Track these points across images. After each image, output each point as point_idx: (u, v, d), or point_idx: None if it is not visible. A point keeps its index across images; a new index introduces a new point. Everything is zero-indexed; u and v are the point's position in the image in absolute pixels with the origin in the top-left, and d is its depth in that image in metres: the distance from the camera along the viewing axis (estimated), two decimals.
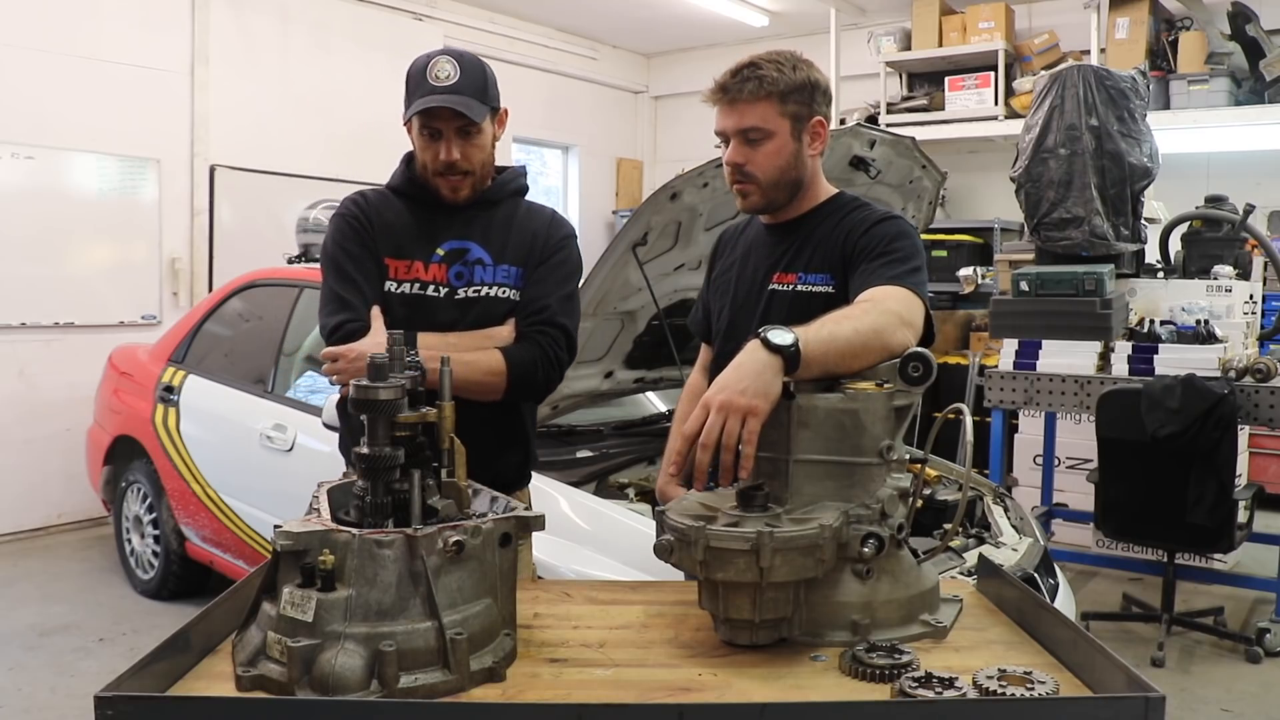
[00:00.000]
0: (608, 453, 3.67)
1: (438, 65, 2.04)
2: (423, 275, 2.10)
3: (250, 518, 3.96)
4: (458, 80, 2.03)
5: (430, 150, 2.08)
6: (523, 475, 2.30)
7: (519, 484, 2.28)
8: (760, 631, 1.36)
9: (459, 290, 2.10)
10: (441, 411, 1.43)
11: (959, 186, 7.91)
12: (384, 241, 2.12)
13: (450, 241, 2.12)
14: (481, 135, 2.09)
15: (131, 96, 5.96)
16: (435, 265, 2.11)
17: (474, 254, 2.13)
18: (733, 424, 1.38)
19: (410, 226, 2.14)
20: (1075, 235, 4.49)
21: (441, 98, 2.01)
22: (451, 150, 2.06)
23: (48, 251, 5.67)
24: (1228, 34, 6.57)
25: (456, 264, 2.11)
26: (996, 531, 3.15)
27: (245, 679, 1.22)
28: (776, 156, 1.94)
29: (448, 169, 2.08)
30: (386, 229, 2.13)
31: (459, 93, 2.02)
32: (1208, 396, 3.86)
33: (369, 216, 2.13)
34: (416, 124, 2.08)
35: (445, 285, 2.10)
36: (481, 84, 2.07)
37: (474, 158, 2.09)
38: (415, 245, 2.12)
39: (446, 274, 2.11)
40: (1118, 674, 1.19)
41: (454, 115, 2.03)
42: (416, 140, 2.11)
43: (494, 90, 2.11)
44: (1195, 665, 4.06)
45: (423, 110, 2.03)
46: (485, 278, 2.12)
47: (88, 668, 3.88)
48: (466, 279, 2.11)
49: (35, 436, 5.71)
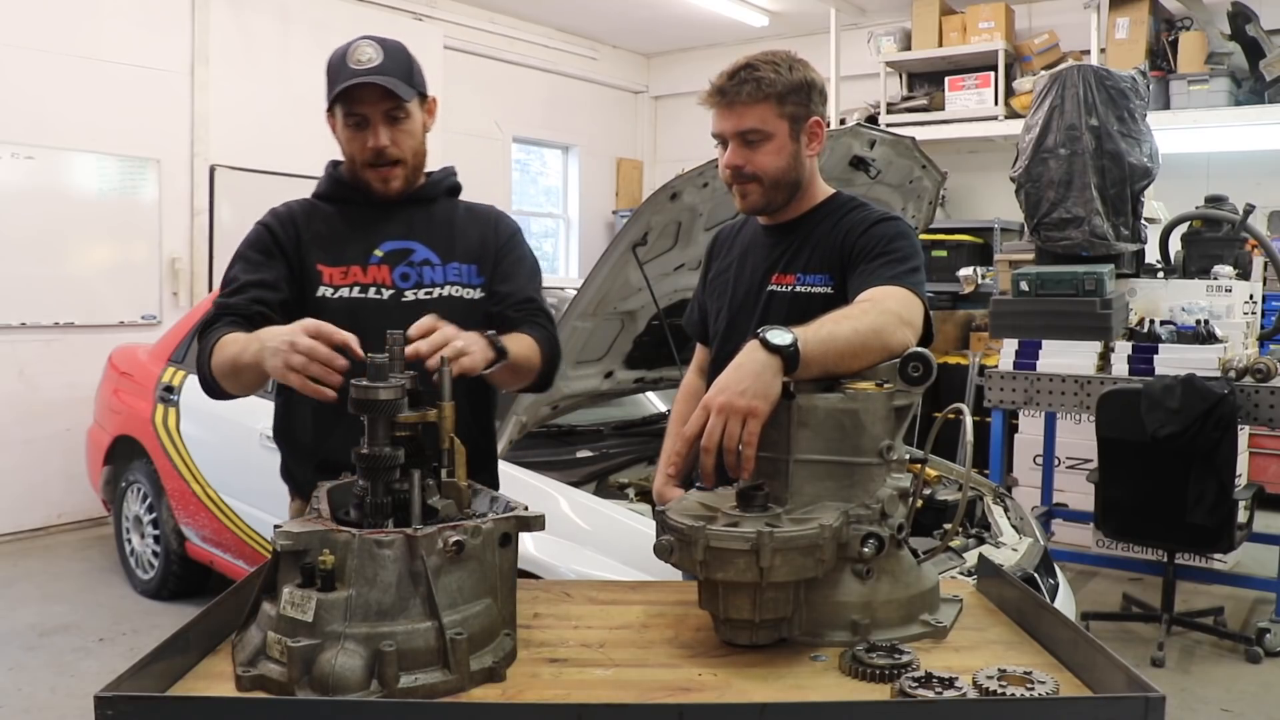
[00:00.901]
0: (608, 453, 3.67)
1: (358, 49, 1.93)
2: (362, 278, 1.97)
3: (250, 518, 3.96)
4: (381, 62, 1.91)
5: (357, 140, 1.95)
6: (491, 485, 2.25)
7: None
8: (760, 631, 1.36)
9: (406, 292, 1.98)
10: (441, 411, 1.43)
11: (959, 186, 7.91)
12: (315, 249, 1.98)
13: (389, 242, 2.00)
14: (411, 121, 1.97)
15: (131, 96, 5.96)
16: (374, 267, 1.98)
17: (419, 254, 2.01)
18: (733, 426, 1.38)
19: (344, 230, 2.01)
20: (1075, 235, 4.49)
21: (365, 76, 1.89)
22: (380, 136, 1.93)
23: (48, 251, 5.67)
24: (1228, 34, 6.57)
25: (400, 265, 1.99)
26: (996, 531, 3.15)
27: (245, 679, 1.22)
28: (776, 157, 1.94)
29: (377, 157, 1.95)
30: (317, 236, 2.00)
31: (383, 73, 1.90)
32: (1208, 396, 3.86)
33: (295, 224, 2.01)
34: (340, 114, 1.95)
35: (390, 287, 1.97)
36: (407, 66, 1.96)
37: (404, 144, 1.97)
38: (350, 248, 1.99)
39: (390, 276, 1.98)
40: (1118, 674, 1.19)
41: (380, 97, 1.91)
42: (342, 133, 1.98)
43: (420, 76, 2.00)
44: (1195, 665, 4.06)
45: (345, 95, 1.91)
46: (436, 278, 2.01)
47: (88, 668, 3.88)
48: (415, 280, 1.99)
49: (35, 436, 5.71)
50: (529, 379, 1.97)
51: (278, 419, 2.12)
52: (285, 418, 2.10)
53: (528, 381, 1.98)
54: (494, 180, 8.23)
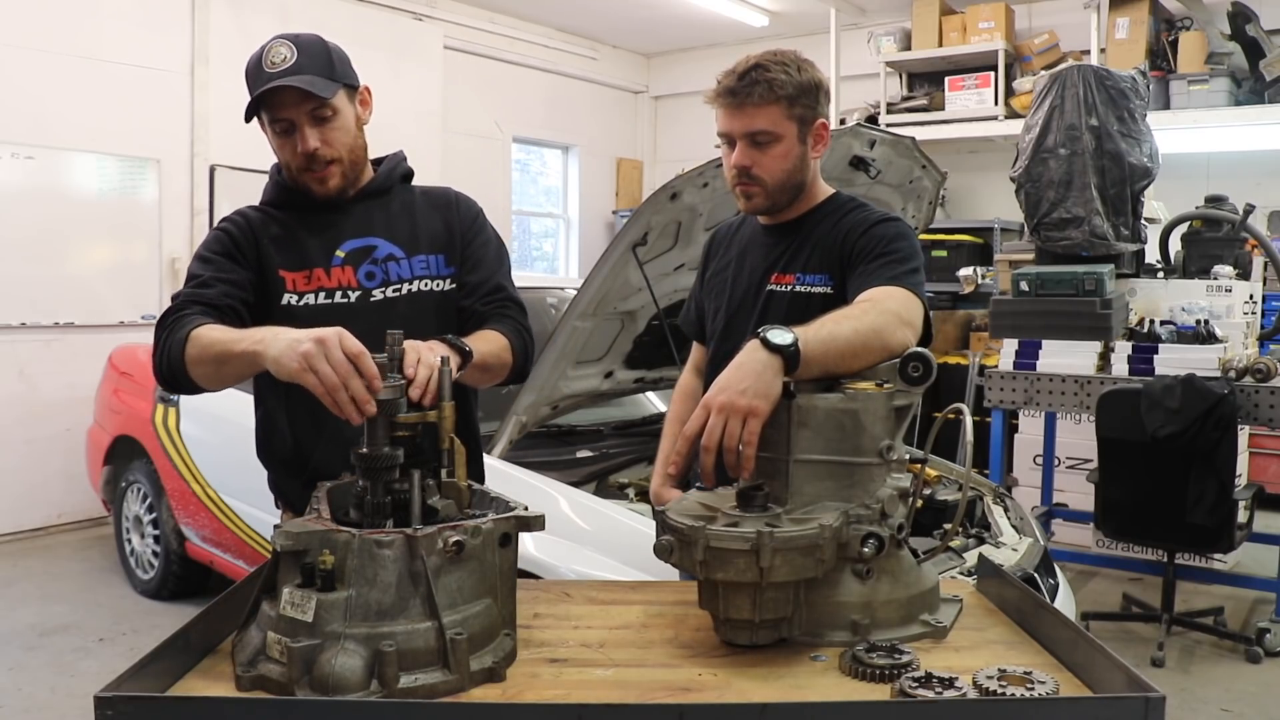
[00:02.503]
0: (608, 453, 3.66)
1: (271, 51, 1.83)
2: (327, 283, 1.90)
3: (250, 518, 3.95)
4: (295, 60, 1.82)
5: (288, 146, 1.87)
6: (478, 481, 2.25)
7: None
8: (760, 631, 1.36)
9: (374, 291, 1.92)
10: (441, 411, 1.43)
11: (959, 186, 7.91)
12: (275, 256, 1.91)
13: (350, 241, 1.94)
14: (340, 116, 1.87)
15: (131, 96, 5.96)
16: (338, 269, 1.91)
17: (382, 250, 1.94)
18: (733, 425, 1.38)
19: (301, 234, 1.93)
20: (1075, 235, 4.49)
21: (280, 79, 1.80)
22: (308, 140, 1.84)
23: (48, 251, 5.67)
24: (1228, 34, 6.57)
25: (365, 264, 1.93)
26: (996, 531, 3.14)
27: (245, 679, 1.22)
28: (784, 159, 1.94)
29: (310, 162, 1.86)
30: (275, 242, 1.92)
31: (299, 72, 1.81)
32: (1208, 396, 3.86)
33: (252, 230, 1.93)
34: (266, 121, 1.87)
35: (356, 289, 1.91)
36: (325, 60, 1.86)
37: (337, 142, 1.88)
38: (311, 252, 1.92)
39: (355, 276, 1.92)
40: (1118, 674, 1.19)
41: (301, 99, 1.81)
42: (271, 140, 1.90)
43: (344, 67, 1.90)
44: (1195, 665, 4.06)
45: (265, 101, 1.82)
46: (403, 273, 1.94)
47: (88, 668, 3.88)
48: (381, 278, 1.93)
49: (35, 436, 5.71)
50: (502, 375, 1.92)
51: (258, 436, 2.06)
52: (264, 433, 2.04)
53: (501, 378, 1.93)
54: (494, 180, 8.23)
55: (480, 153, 8.02)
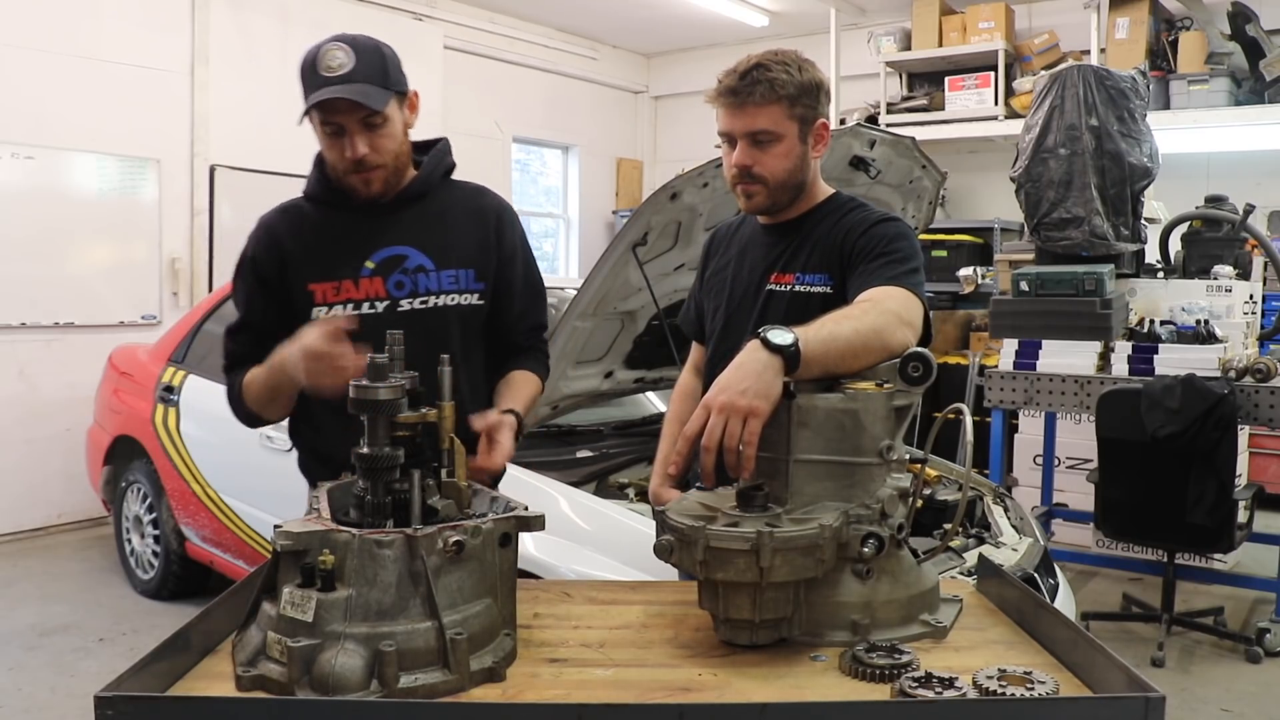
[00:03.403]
0: (608, 453, 3.66)
1: (328, 54, 1.85)
2: (355, 294, 1.94)
3: (250, 518, 3.95)
4: (352, 68, 1.84)
5: (336, 148, 1.91)
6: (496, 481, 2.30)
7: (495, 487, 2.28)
8: (760, 631, 1.36)
9: (401, 302, 1.96)
10: (441, 411, 1.43)
11: (959, 186, 7.91)
12: (304, 266, 1.96)
13: (381, 251, 1.97)
14: (389, 125, 1.91)
15: (131, 96, 5.96)
16: (366, 280, 1.95)
17: (413, 260, 1.97)
18: (734, 425, 1.38)
19: (334, 241, 1.97)
20: (1075, 235, 4.49)
21: (335, 89, 1.82)
22: (357, 145, 1.88)
23: (48, 251, 5.67)
24: (1228, 34, 6.57)
25: (394, 274, 1.96)
26: (996, 531, 3.15)
27: (245, 679, 1.22)
28: (785, 159, 1.94)
29: (357, 166, 1.91)
30: (305, 251, 1.97)
31: (354, 81, 1.83)
32: (1208, 396, 3.86)
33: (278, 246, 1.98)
34: (316, 121, 1.90)
35: (384, 299, 1.95)
36: (380, 68, 1.89)
37: (384, 149, 1.92)
38: (342, 262, 1.96)
39: (384, 287, 1.95)
40: (1118, 674, 1.19)
41: (352, 106, 1.84)
42: (320, 139, 1.94)
43: (396, 73, 1.93)
44: (1195, 665, 4.06)
45: (318, 105, 1.85)
46: (431, 286, 1.98)
47: (88, 668, 3.88)
48: (410, 289, 1.96)
49: (35, 436, 5.71)
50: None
51: (290, 420, 2.12)
52: (296, 419, 2.11)
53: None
54: (494, 180, 8.18)
55: (480, 153, 8.01)
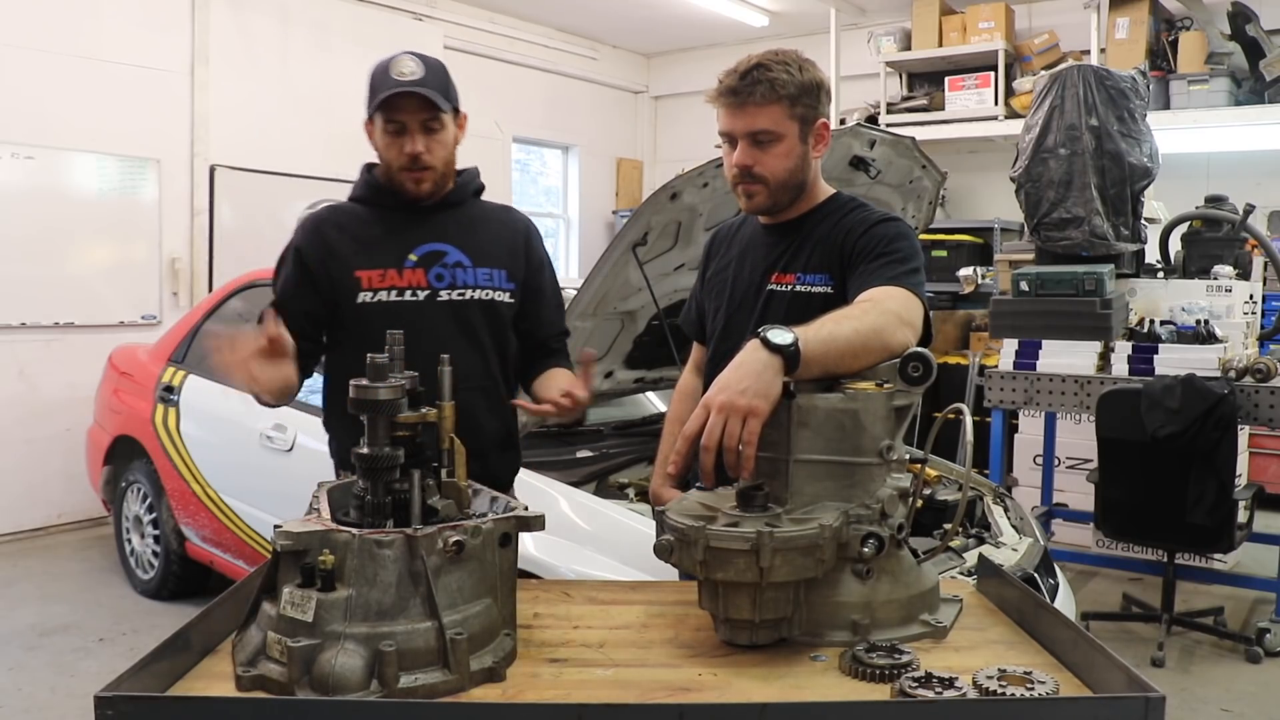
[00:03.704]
0: (608, 453, 3.67)
1: (401, 62, 2.07)
2: (398, 281, 2.13)
3: (250, 518, 3.96)
4: (422, 76, 2.06)
5: (395, 145, 2.10)
6: (514, 471, 2.39)
7: (511, 481, 2.38)
8: (760, 631, 1.36)
9: (441, 292, 2.15)
10: (441, 411, 1.43)
11: (959, 186, 7.91)
12: (350, 256, 2.14)
13: (423, 246, 2.16)
14: (445, 131, 2.12)
15: (131, 96, 5.96)
16: (410, 271, 2.14)
17: (452, 257, 2.17)
18: (733, 425, 1.38)
19: (379, 235, 2.17)
20: (1075, 235, 4.49)
21: (406, 87, 2.04)
22: (416, 143, 2.08)
23: (48, 251, 5.67)
24: (1228, 34, 6.57)
25: (435, 267, 2.16)
26: (996, 531, 3.15)
27: (245, 679, 1.22)
28: (786, 159, 1.95)
29: (412, 162, 2.09)
30: (352, 242, 2.16)
31: (424, 86, 2.06)
32: (1208, 396, 3.85)
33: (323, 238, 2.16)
34: (380, 121, 2.10)
35: (425, 289, 2.14)
36: (445, 82, 2.12)
37: (437, 152, 2.12)
38: (386, 253, 2.14)
39: (425, 278, 2.14)
40: (1118, 674, 1.19)
41: (419, 107, 2.06)
42: (380, 139, 2.13)
43: (455, 92, 2.16)
44: (1195, 665, 4.06)
45: (387, 103, 2.05)
46: (467, 280, 2.17)
47: (88, 668, 3.88)
48: (449, 281, 2.16)
49: (35, 436, 5.71)
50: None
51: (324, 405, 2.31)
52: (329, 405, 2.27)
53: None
54: (494, 180, 8.14)
55: (480, 153, 7.96)
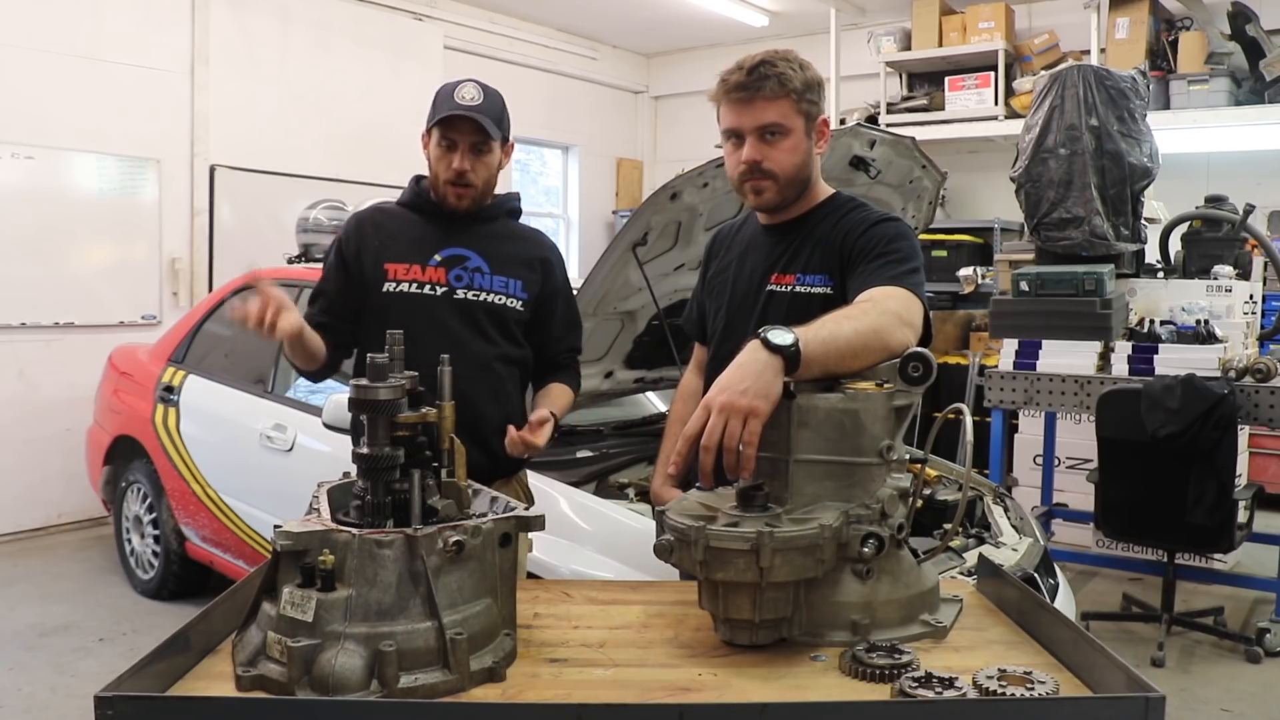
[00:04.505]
0: (608, 453, 3.67)
1: (465, 87, 2.29)
2: (420, 276, 2.35)
3: (250, 518, 3.96)
4: (481, 103, 2.28)
5: (445, 160, 2.31)
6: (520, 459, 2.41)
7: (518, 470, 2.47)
8: (760, 631, 1.36)
9: (457, 290, 2.34)
10: (441, 411, 1.43)
11: (959, 186, 7.91)
12: (385, 250, 2.37)
13: (449, 249, 2.37)
14: (491, 155, 2.33)
15: (131, 96, 5.96)
16: (433, 268, 2.35)
17: (473, 262, 2.37)
18: (734, 425, 1.38)
19: (413, 236, 2.39)
20: (1075, 235, 4.49)
21: (464, 111, 2.26)
22: (464, 161, 2.29)
23: (48, 251, 5.67)
24: (1228, 34, 6.57)
25: (456, 268, 2.36)
26: (996, 531, 3.15)
27: (245, 679, 1.22)
28: (794, 154, 1.96)
29: (458, 178, 2.31)
30: (390, 238, 2.39)
31: (480, 113, 2.27)
32: (1208, 396, 3.85)
33: (363, 232, 2.41)
34: (436, 135, 2.31)
35: (443, 285, 2.34)
36: (500, 112, 2.33)
37: (480, 173, 2.33)
38: (415, 251, 2.36)
39: (445, 275, 2.35)
40: (1118, 674, 1.19)
41: (472, 130, 2.27)
42: (433, 151, 2.33)
43: (508, 123, 2.37)
44: (1195, 665, 4.06)
45: (444, 122, 2.27)
46: (484, 284, 2.36)
47: (88, 668, 3.88)
48: (466, 282, 2.35)
49: (35, 436, 5.71)
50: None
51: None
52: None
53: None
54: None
55: None
